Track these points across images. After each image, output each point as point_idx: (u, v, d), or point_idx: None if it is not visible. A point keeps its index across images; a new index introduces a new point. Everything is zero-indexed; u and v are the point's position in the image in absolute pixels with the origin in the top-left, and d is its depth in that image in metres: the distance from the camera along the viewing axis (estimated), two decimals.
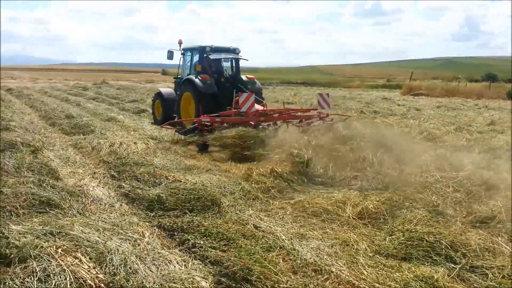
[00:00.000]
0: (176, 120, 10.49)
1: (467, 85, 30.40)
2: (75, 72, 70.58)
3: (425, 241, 3.90)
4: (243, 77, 11.28)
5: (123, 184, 5.62)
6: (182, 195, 5.00)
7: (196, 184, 5.44)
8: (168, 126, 10.06)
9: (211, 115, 8.94)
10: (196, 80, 10.32)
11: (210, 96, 10.18)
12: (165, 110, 11.94)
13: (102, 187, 5.66)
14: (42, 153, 7.21)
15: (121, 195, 5.35)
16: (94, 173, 6.36)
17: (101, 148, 7.66)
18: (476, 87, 29.48)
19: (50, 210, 4.44)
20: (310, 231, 4.34)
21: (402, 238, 3.99)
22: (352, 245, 3.97)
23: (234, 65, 11.70)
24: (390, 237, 4.10)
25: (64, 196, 4.87)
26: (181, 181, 5.58)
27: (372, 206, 4.77)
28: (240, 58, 11.55)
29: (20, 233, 3.60)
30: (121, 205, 5.03)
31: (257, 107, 9.64)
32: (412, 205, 4.93)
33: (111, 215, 4.58)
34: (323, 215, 4.78)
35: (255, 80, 11.29)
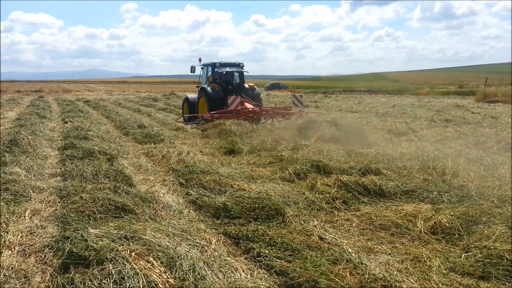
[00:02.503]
0: (183, 116, 14.92)
1: None
2: (146, 84, 74.49)
3: (505, 259, 3.61)
4: (246, 85, 14.78)
5: (191, 192, 5.82)
6: (247, 203, 5.04)
7: (260, 193, 5.48)
8: (180, 121, 14.41)
9: (212, 112, 12.59)
10: (208, 88, 14.02)
11: (217, 99, 13.68)
12: (190, 110, 15.32)
13: (172, 194, 5.88)
14: (117, 160, 7.65)
15: (189, 202, 5.54)
16: (164, 180, 6.64)
17: (170, 157, 8.01)
18: None
19: (125, 215, 4.69)
20: (378, 245, 4.18)
21: (480, 255, 3.72)
22: (424, 261, 3.76)
23: (240, 76, 15.21)
24: (466, 254, 3.84)
25: (137, 202, 5.12)
26: (245, 190, 5.66)
27: (445, 220, 4.49)
28: (243, 71, 15.17)
29: (97, 237, 3.85)
30: (189, 211, 5.20)
31: (249, 106, 12.99)
32: (490, 220, 4.57)
33: (180, 221, 4.75)
34: (392, 228, 4.58)
35: (255, 87, 14.89)
